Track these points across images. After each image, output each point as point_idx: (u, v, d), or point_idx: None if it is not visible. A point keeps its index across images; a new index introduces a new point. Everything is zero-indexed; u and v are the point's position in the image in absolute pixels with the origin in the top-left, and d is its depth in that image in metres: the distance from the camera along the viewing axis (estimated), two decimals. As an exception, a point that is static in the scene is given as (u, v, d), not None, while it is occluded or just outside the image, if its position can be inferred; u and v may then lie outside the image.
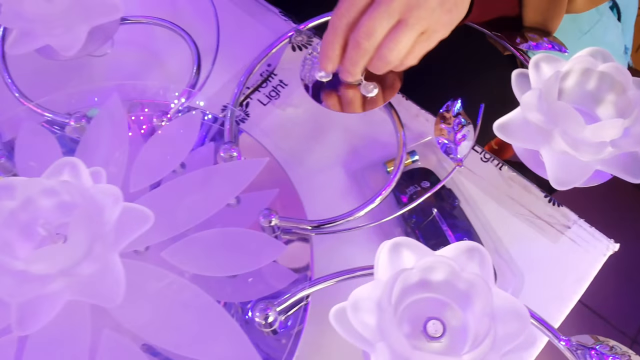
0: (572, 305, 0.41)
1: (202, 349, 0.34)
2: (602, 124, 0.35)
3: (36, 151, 0.44)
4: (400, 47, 0.40)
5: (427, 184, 0.44)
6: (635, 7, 0.77)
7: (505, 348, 0.30)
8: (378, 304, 0.31)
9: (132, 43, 0.55)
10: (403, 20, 0.39)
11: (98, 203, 0.34)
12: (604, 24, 0.67)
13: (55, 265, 0.32)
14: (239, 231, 0.39)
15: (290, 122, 0.51)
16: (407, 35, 0.40)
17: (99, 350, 0.35)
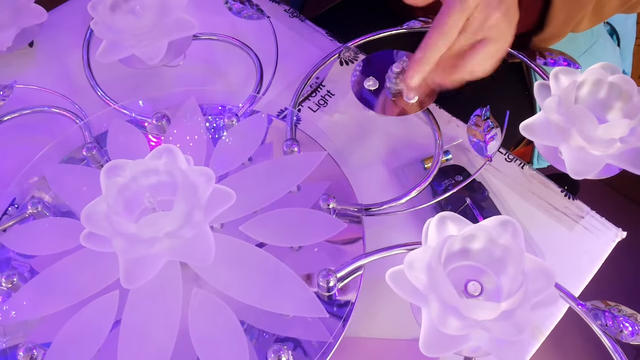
0: (586, 282, 0.48)
1: (273, 302, 0.41)
2: (611, 123, 0.42)
3: (125, 144, 0.51)
4: (483, 64, 0.48)
5: (460, 178, 0.51)
6: (633, 34, 0.85)
7: (534, 300, 0.36)
8: (428, 265, 0.38)
9: (197, 57, 0.63)
10: (485, 40, 0.47)
11: (194, 181, 0.41)
12: (600, 45, 0.75)
13: (163, 229, 0.39)
14: (304, 210, 0.46)
15: (337, 126, 0.58)
16: (486, 52, 0.47)
17: (190, 304, 0.42)
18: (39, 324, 0.45)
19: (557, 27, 0.52)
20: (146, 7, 0.55)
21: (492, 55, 0.48)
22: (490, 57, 0.48)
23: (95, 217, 0.39)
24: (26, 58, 0.64)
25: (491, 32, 0.47)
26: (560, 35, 0.55)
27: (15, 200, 0.53)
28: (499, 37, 0.48)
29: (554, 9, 0.50)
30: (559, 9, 0.51)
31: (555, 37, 0.55)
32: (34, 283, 0.43)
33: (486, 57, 0.48)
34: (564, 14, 0.52)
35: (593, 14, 0.56)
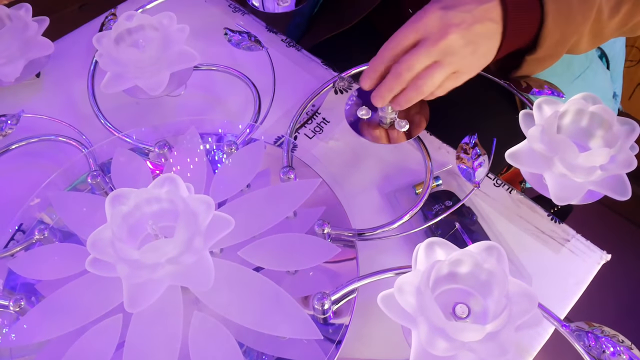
0: (572, 303, 0.49)
1: (270, 324, 0.43)
2: (592, 152, 0.45)
3: (129, 171, 0.53)
4: (433, 81, 0.49)
5: (450, 203, 0.53)
6: (622, 57, 0.88)
7: (518, 321, 0.38)
8: (417, 288, 0.40)
9: (198, 86, 0.65)
10: (439, 61, 0.49)
11: (194, 209, 0.43)
12: (593, 69, 0.77)
13: (165, 256, 0.41)
14: (300, 236, 0.48)
15: (332, 152, 0.60)
16: (440, 73, 0.49)
17: (190, 327, 0.43)
18: (45, 346, 0.46)
19: (551, 48, 0.53)
20: (149, 40, 0.57)
21: (445, 77, 0.50)
22: (443, 78, 0.50)
23: (100, 243, 0.41)
24: (33, 88, 0.67)
25: (446, 55, 0.49)
26: (554, 56, 0.56)
27: (23, 226, 0.55)
28: (455, 61, 0.49)
29: (546, 29, 0.51)
30: (551, 30, 0.52)
31: (550, 57, 0.57)
32: (40, 307, 0.45)
33: (438, 79, 0.49)
34: (557, 35, 0.53)
35: (592, 36, 0.57)
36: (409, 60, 0.49)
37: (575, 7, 0.52)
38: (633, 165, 0.45)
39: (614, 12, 0.54)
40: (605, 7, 0.53)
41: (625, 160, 0.46)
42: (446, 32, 0.48)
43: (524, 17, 0.51)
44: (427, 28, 0.49)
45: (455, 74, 0.50)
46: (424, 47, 0.48)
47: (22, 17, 0.62)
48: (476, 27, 0.49)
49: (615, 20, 0.55)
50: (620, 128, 0.47)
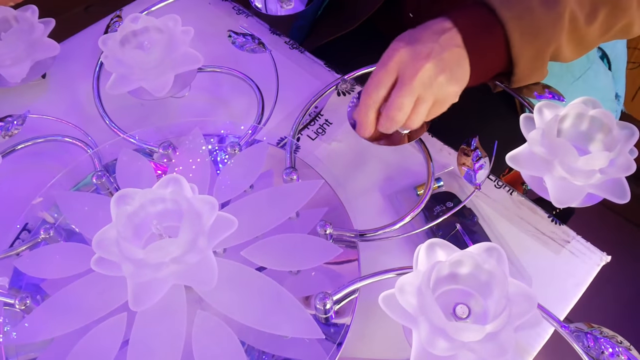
0: (572, 304, 0.50)
1: (272, 323, 0.43)
2: (592, 155, 0.45)
3: (133, 171, 0.54)
4: (420, 117, 0.51)
5: (451, 204, 0.53)
6: (624, 58, 0.88)
7: (517, 322, 0.38)
8: (418, 289, 0.40)
9: (201, 88, 0.66)
10: (419, 96, 0.50)
11: (198, 209, 0.43)
12: (594, 70, 0.77)
13: (169, 255, 0.41)
14: (302, 236, 0.49)
15: (335, 154, 0.61)
16: (424, 107, 0.51)
17: (194, 325, 0.44)
18: (50, 344, 0.47)
19: (529, 63, 0.54)
20: (154, 42, 0.58)
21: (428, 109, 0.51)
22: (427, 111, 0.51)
23: (105, 243, 0.42)
24: (39, 89, 0.68)
25: (426, 88, 0.50)
26: (538, 69, 0.56)
27: (28, 225, 0.56)
28: (434, 91, 0.50)
29: (515, 48, 0.52)
30: (521, 48, 0.52)
31: (534, 72, 0.56)
32: (45, 305, 0.46)
33: (423, 114, 0.51)
34: (531, 51, 0.54)
35: (575, 44, 0.58)
36: (396, 103, 0.50)
37: (542, 20, 0.52)
38: (632, 168, 0.46)
39: (591, 18, 0.54)
40: (580, 15, 0.53)
41: (625, 164, 0.46)
42: (419, 64, 0.49)
43: (486, 39, 0.52)
44: (400, 65, 0.50)
45: (437, 103, 0.52)
46: (405, 85, 0.50)
47: (28, 19, 0.63)
48: (445, 55, 0.50)
49: (595, 26, 0.55)
50: (620, 132, 0.47)
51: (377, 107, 0.52)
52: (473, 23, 0.52)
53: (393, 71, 0.50)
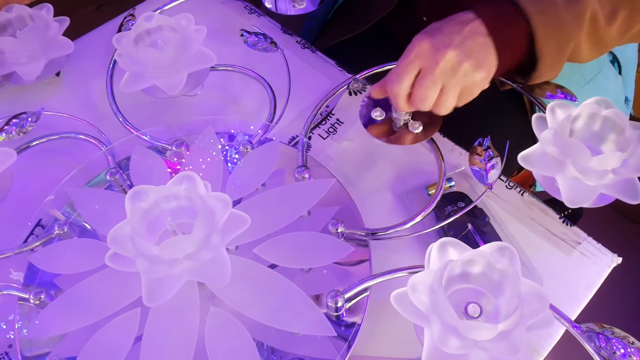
0: (583, 305, 0.50)
1: (284, 321, 0.44)
2: (604, 155, 0.45)
3: (146, 169, 0.54)
4: (447, 106, 0.52)
5: (462, 204, 0.54)
6: (634, 62, 0.88)
7: (529, 322, 0.38)
8: (430, 288, 0.40)
9: (214, 86, 0.66)
10: (444, 87, 0.51)
11: (212, 206, 0.44)
12: (604, 74, 0.77)
13: (183, 252, 0.42)
14: (314, 234, 0.49)
15: (346, 153, 0.61)
16: (450, 96, 0.51)
17: (206, 322, 0.44)
18: (63, 339, 0.47)
19: (552, 58, 0.54)
20: (168, 41, 0.58)
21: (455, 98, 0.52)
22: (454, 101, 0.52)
23: (120, 239, 0.42)
24: (53, 86, 0.68)
25: (449, 77, 0.50)
26: (555, 67, 0.57)
27: (42, 221, 0.56)
28: (459, 80, 0.51)
29: (540, 42, 0.52)
30: (545, 41, 0.53)
31: (551, 69, 0.57)
32: (59, 300, 0.46)
33: (451, 103, 0.52)
34: (553, 44, 0.54)
35: (593, 44, 0.58)
36: (419, 94, 0.51)
37: (565, 16, 0.53)
38: (645, 169, 0.46)
39: (610, 19, 0.54)
40: (601, 15, 0.54)
41: (637, 164, 0.46)
42: (441, 53, 0.50)
43: (510, 30, 0.53)
44: (421, 57, 0.51)
45: (465, 91, 0.52)
46: (428, 75, 0.50)
47: (43, 17, 0.64)
48: (468, 43, 0.51)
49: (614, 27, 0.55)
50: (633, 132, 0.47)
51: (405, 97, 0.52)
52: (497, 15, 0.52)
53: (415, 63, 0.51)
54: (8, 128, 0.60)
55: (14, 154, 0.54)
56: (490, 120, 0.73)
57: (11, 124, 0.60)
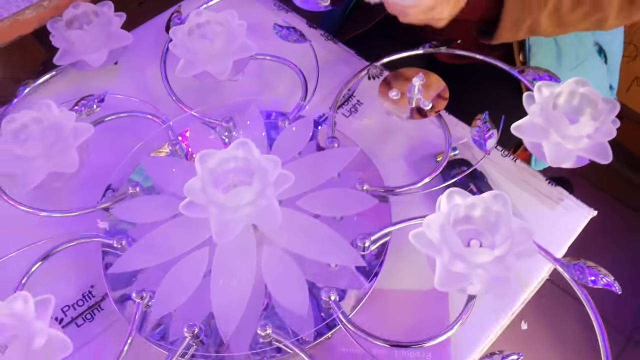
0: (565, 249, 0.61)
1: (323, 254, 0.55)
2: (580, 123, 0.56)
3: (202, 140, 0.65)
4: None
5: (465, 168, 0.64)
6: (620, 54, 0.99)
7: (518, 249, 0.49)
8: (441, 226, 0.51)
9: (250, 73, 0.77)
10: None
11: (264, 166, 0.55)
12: (590, 62, 0.88)
13: (245, 200, 0.52)
14: (345, 190, 0.60)
15: (366, 129, 0.72)
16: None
17: (262, 258, 0.55)
18: (144, 274, 0.58)
19: (510, 25, 0.65)
20: (216, 33, 0.69)
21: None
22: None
23: (193, 190, 0.53)
24: (112, 73, 0.79)
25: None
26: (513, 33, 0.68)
27: (112, 186, 0.67)
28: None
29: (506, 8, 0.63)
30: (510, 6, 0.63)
31: (510, 33, 0.67)
32: (140, 243, 0.57)
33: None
34: (514, 14, 0.64)
35: (555, 25, 0.69)
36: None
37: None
38: (613, 134, 0.56)
39: (575, 6, 0.65)
40: (566, 1, 0.64)
41: (607, 131, 0.57)
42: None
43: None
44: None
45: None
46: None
47: (106, 13, 0.74)
48: None
49: (576, 14, 0.66)
50: (604, 106, 0.58)
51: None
52: None
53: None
54: (77, 108, 0.71)
55: (92, 127, 0.64)
56: (489, 100, 0.84)
57: (80, 105, 0.71)
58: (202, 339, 0.54)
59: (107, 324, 0.59)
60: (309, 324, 0.54)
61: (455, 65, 0.92)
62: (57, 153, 0.61)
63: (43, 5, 0.75)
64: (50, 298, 0.50)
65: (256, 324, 0.53)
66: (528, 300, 0.61)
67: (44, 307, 0.50)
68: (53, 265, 0.60)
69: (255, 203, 0.53)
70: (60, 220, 0.64)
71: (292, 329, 0.54)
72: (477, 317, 0.56)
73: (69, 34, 0.71)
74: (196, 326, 0.52)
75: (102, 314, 0.60)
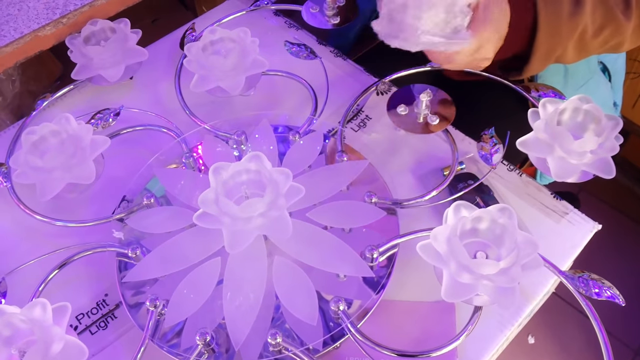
0: (570, 262, 0.62)
1: (332, 265, 0.56)
2: (584, 139, 0.57)
3: (215, 153, 0.67)
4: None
5: (472, 182, 0.66)
6: (623, 72, 1.00)
7: (523, 261, 0.50)
8: (448, 238, 0.52)
9: (261, 88, 0.79)
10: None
11: (276, 178, 0.56)
12: (595, 81, 0.90)
13: (257, 211, 0.54)
14: (354, 202, 0.61)
15: (374, 143, 0.74)
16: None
17: (273, 268, 0.57)
18: (158, 283, 0.60)
19: (542, 55, 0.66)
20: (229, 50, 0.71)
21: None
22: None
23: (207, 201, 0.55)
24: (127, 88, 0.81)
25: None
26: (544, 63, 0.68)
27: (126, 197, 0.69)
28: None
29: (540, 35, 0.64)
30: (542, 38, 0.64)
31: (541, 63, 0.68)
32: (155, 253, 0.59)
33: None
34: (546, 45, 0.65)
35: (578, 51, 0.69)
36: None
37: (563, 25, 0.64)
38: (616, 150, 0.58)
39: (597, 33, 0.67)
40: (590, 29, 0.66)
41: (611, 147, 0.58)
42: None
43: (520, 15, 0.64)
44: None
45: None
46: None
47: (123, 30, 0.77)
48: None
49: (598, 40, 0.67)
50: (607, 122, 0.59)
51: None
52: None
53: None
54: (94, 121, 0.73)
55: (108, 140, 0.66)
56: (495, 115, 0.85)
57: (96, 118, 0.73)
58: (213, 346, 0.55)
59: (121, 332, 0.60)
60: (318, 333, 0.55)
61: (462, 81, 0.94)
62: (76, 165, 0.63)
63: (62, 22, 0.78)
64: (67, 305, 0.52)
65: (266, 332, 0.54)
66: (534, 314, 0.62)
67: (61, 314, 0.51)
68: (68, 274, 0.62)
69: (267, 214, 0.54)
70: (74, 229, 0.66)
71: (301, 338, 0.55)
72: (483, 329, 0.57)
73: (87, 50, 0.74)
74: (208, 334, 0.54)
75: (116, 322, 0.61)
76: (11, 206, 0.67)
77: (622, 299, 0.53)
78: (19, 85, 1.00)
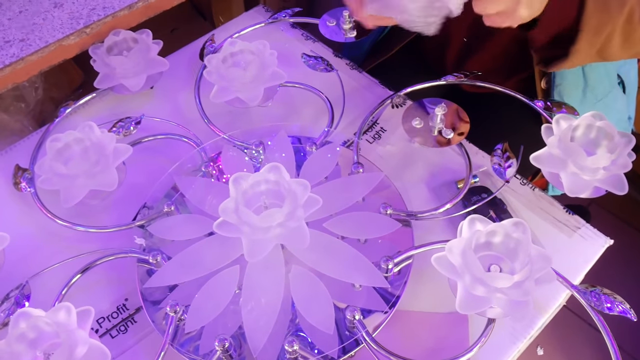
0: (582, 276, 0.63)
1: (348, 275, 0.57)
2: (597, 156, 0.58)
3: (234, 163, 0.69)
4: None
5: (485, 196, 0.67)
6: (635, 85, 1.01)
7: (536, 275, 0.51)
8: (462, 251, 0.54)
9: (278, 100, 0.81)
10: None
11: (294, 189, 0.57)
12: (614, 94, 0.90)
13: (276, 220, 0.55)
14: (370, 214, 0.63)
15: (389, 155, 0.75)
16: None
17: (290, 276, 0.58)
18: (178, 289, 0.61)
19: (590, 33, 0.62)
20: (248, 62, 0.73)
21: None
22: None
23: (227, 211, 0.56)
24: (147, 97, 0.83)
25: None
26: (592, 45, 0.65)
27: (147, 204, 0.70)
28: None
29: (587, 11, 0.61)
30: (591, 13, 0.61)
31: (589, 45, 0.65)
32: (175, 259, 0.60)
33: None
34: (595, 20, 0.62)
35: (624, 38, 0.68)
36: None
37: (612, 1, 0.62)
38: (629, 167, 0.59)
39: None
40: (637, 11, 0.64)
41: (623, 164, 0.59)
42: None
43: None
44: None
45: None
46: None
47: (145, 40, 0.79)
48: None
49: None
50: (620, 139, 0.60)
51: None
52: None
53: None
54: (115, 129, 0.75)
55: (130, 148, 0.68)
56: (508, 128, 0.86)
57: (118, 126, 0.75)
58: (231, 353, 0.56)
59: (140, 336, 0.62)
60: (334, 341, 0.56)
61: (476, 94, 0.95)
62: (99, 172, 0.65)
63: (86, 32, 0.80)
64: (90, 309, 0.53)
65: (283, 340, 0.55)
66: (545, 326, 0.63)
67: (85, 318, 0.53)
68: (90, 278, 0.63)
69: (285, 224, 0.56)
70: (96, 235, 0.68)
71: (317, 346, 0.57)
72: (496, 340, 0.58)
73: (110, 60, 0.76)
74: (227, 340, 0.55)
75: (136, 327, 0.62)
76: (35, 211, 0.68)
77: (633, 314, 0.54)
78: (42, 92, 1.02)
